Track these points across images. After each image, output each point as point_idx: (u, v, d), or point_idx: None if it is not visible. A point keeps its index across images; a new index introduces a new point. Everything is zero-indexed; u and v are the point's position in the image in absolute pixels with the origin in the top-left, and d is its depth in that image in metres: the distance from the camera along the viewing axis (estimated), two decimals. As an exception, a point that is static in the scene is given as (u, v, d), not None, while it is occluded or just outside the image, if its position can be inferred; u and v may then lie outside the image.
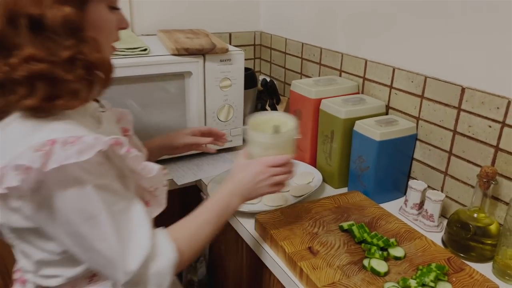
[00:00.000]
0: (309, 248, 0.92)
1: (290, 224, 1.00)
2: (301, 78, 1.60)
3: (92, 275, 0.76)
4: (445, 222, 1.08)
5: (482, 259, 0.95)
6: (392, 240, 0.92)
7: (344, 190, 1.23)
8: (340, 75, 1.40)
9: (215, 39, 1.38)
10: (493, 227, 0.94)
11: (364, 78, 1.31)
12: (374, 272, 0.84)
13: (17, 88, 0.64)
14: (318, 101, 1.25)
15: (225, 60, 1.33)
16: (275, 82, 1.76)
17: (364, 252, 0.91)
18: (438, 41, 1.06)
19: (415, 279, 0.81)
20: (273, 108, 1.39)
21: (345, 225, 0.97)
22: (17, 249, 0.75)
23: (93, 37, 0.68)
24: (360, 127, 1.14)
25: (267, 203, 1.12)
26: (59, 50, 0.63)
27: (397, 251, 0.90)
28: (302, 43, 1.57)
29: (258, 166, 0.87)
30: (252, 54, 1.87)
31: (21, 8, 0.61)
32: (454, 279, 0.84)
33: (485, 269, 0.92)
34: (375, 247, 0.89)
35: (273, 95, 1.43)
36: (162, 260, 0.71)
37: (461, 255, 0.96)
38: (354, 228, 0.95)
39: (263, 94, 1.63)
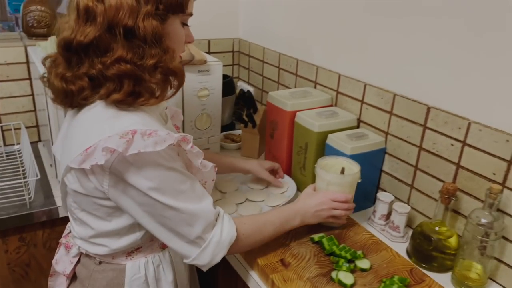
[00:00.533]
0: (281, 260, 0.97)
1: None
2: (278, 87, 1.64)
3: (131, 251, 0.89)
4: (410, 232, 1.14)
5: (443, 269, 1.01)
6: (359, 252, 0.98)
7: (317, 199, 1.28)
8: (315, 87, 1.45)
9: (194, 49, 1.40)
10: (453, 240, 1.00)
11: (338, 92, 1.36)
12: (341, 284, 0.89)
13: (107, 83, 0.75)
14: (294, 113, 1.30)
15: (204, 71, 1.36)
16: (253, 89, 1.80)
17: (332, 264, 0.96)
18: (406, 60, 1.12)
19: (378, 291, 0.87)
20: (250, 117, 1.43)
21: (316, 237, 1.02)
22: (76, 217, 0.87)
23: (172, 47, 0.79)
24: (332, 140, 1.19)
25: (242, 213, 1.16)
26: (145, 56, 0.75)
27: (363, 263, 0.96)
28: (279, 53, 1.61)
29: (322, 197, 1.03)
30: (231, 61, 1.90)
31: (120, 20, 0.72)
32: (414, 290, 0.90)
33: (445, 279, 0.98)
34: (343, 260, 0.94)
35: (250, 105, 1.46)
36: (223, 232, 0.83)
37: (424, 265, 1.02)
38: (324, 241, 1.00)
39: (240, 102, 1.67)
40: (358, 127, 1.29)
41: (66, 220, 1.23)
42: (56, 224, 1.23)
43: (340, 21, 1.31)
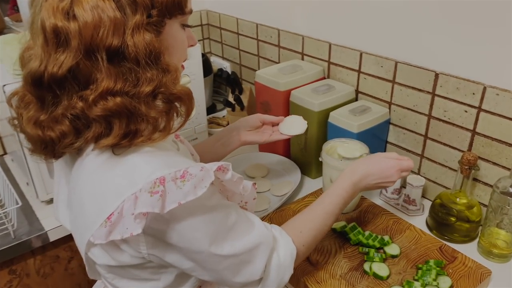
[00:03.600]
0: (307, 258, 0.91)
1: (281, 232, 0.98)
2: (259, 61, 1.53)
3: None
4: (424, 202, 1.11)
5: (467, 239, 0.99)
6: (386, 239, 0.94)
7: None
8: (303, 59, 1.35)
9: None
10: (475, 209, 0.98)
11: (330, 62, 1.27)
12: (377, 277, 0.85)
13: (93, 124, 0.59)
14: (288, 92, 1.20)
15: (182, 56, 1.23)
16: (230, 64, 1.68)
17: (362, 254, 0.91)
18: (408, 24, 1.04)
19: (418, 280, 0.83)
20: (239, 100, 1.33)
21: (338, 227, 0.97)
22: (116, 286, 0.72)
23: (173, 65, 0.62)
24: (335, 119, 1.12)
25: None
26: (140, 82, 0.59)
27: (393, 249, 0.92)
28: (257, 24, 1.48)
29: (389, 167, 0.88)
30: (200, 35, 1.75)
31: (101, 40, 0.56)
32: (450, 271, 0.87)
33: (470, 249, 0.96)
34: (373, 250, 0.90)
35: (235, 86, 1.35)
36: (281, 253, 0.72)
37: (446, 237, 0.99)
38: (348, 230, 0.95)
39: (219, 82, 1.55)
40: (356, 98, 1.22)
41: (58, 243, 1.12)
42: (47, 249, 1.11)
43: (325, -15, 1.20)
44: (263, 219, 1.03)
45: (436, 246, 0.94)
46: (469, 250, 0.96)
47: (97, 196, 0.61)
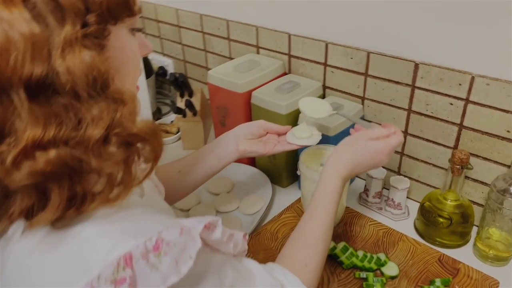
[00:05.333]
0: (298, 292, 0.78)
1: (261, 262, 0.84)
2: (206, 56, 1.36)
3: None
4: (408, 203, 1.02)
5: (461, 243, 0.91)
6: (383, 258, 0.83)
7: (294, 187, 1.10)
8: (258, 52, 1.20)
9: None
10: (469, 211, 0.90)
11: (290, 55, 1.12)
12: (381, 306, 0.74)
13: (17, 196, 0.41)
14: (248, 94, 1.05)
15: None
16: (172, 60, 1.49)
17: (359, 280, 0.80)
18: (381, 9, 0.91)
19: (427, 306, 0.73)
20: (191, 106, 1.15)
21: (326, 249, 0.85)
22: None
23: (130, 93, 0.45)
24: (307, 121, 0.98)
25: (222, 235, 0.93)
26: (83, 124, 0.41)
27: (391, 269, 0.81)
28: (200, 14, 1.30)
29: (379, 151, 0.73)
30: (134, 30, 1.53)
31: (13, 73, 0.38)
32: (457, 287, 0.78)
33: (465, 253, 0.88)
34: (371, 275, 0.79)
35: (184, 89, 1.18)
36: None
37: (437, 242, 0.90)
38: (339, 253, 0.83)
39: (161, 81, 1.36)
40: (324, 95, 1.09)
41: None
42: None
43: (279, -33, 1.05)
44: (238, 248, 0.88)
45: (434, 257, 0.85)
46: (465, 254, 0.88)
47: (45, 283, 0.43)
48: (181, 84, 1.14)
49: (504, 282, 0.81)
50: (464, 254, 0.88)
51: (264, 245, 0.88)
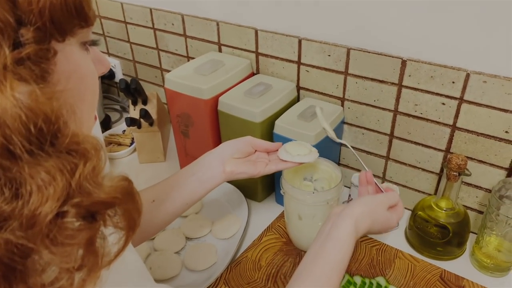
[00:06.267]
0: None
1: (245, 298, 0.73)
2: (159, 54, 1.20)
3: None
4: (396, 211, 0.94)
5: (459, 254, 0.84)
6: (383, 284, 0.73)
7: (271, 200, 0.98)
8: (220, 50, 1.06)
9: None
10: (466, 219, 0.82)
11: (258, 53, 1.00)
12: None
13: None
14: (214, 100, 0.92)
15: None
16: (120, 61, 1.32)
17: (360, 313, 0.70)
18: (363, 1, 0.81)
19: None
20: (147, 115, 1.00)
21: (319, 278, 0.74)
22: None
23: (91, 141, 0.31)
24: (282, 129, 0.87)
25: (195, 268, 0.81)
26: (25, 196, 0.27)
27: (393, 295, 0.72)
28: (150, 9, 1.14)
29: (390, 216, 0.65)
30: (73, 27, 1.34)
31: None
32: (465, 309, 0.71)
33: (462, 265, 0.82)
34: (374, 306, 0.69)
35: (137, 96, 1.02)
36: None
37: (432, 254, 0.83)
38: (334, 282, 0.73)
39: (108, 85, 1.19)
40: (298, 96, 0.98)
41: None
42: None
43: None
44: (215, 283, 0.76)
45: (435, 275, 0.77)
46: (463, 266, 0.81)
47: None
48: (134, 91, 0.99)
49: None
50: (462, 266, 0.81)
51: (247, 277, 0.77)
